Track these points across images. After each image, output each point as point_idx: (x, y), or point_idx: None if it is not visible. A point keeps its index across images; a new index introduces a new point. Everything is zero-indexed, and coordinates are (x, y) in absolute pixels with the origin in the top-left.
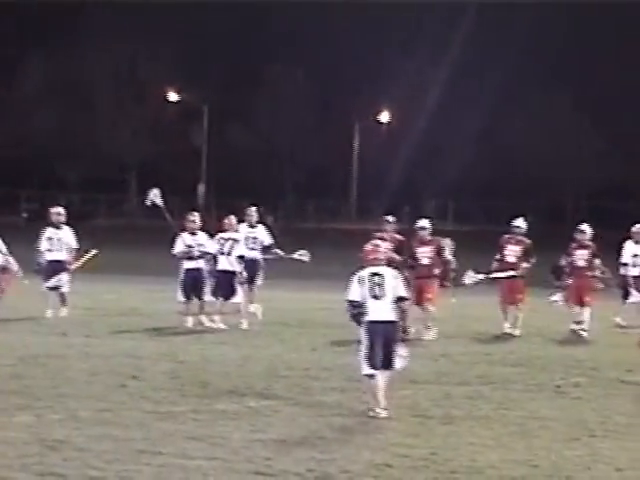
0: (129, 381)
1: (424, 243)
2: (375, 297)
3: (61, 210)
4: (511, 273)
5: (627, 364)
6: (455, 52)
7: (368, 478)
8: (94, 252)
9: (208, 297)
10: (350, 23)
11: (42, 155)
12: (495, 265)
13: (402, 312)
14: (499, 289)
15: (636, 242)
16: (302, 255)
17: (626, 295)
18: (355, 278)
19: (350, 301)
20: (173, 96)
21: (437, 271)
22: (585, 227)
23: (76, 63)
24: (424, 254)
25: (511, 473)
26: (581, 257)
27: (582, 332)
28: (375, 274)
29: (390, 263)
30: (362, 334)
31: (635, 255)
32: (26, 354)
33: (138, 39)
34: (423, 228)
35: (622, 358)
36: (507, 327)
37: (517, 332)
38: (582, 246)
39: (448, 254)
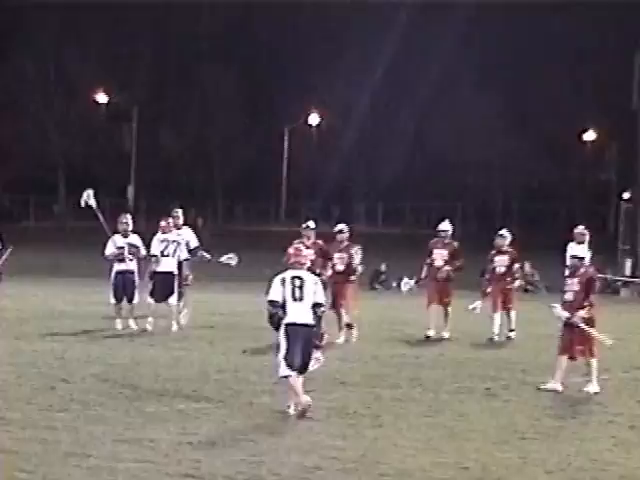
0: (58, 383)
1: (341, 249)
2: (295, 299)
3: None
4: (441, 276)
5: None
6: (386, 53)
7: None
8: (9, 249)
9: (146, 298)
10: (280, 23)
11: None
12: (425, 269)
13: (318, 318)
14: (427, 292)
15: (578, 243)
16: (230, 259)
17: None
18: (277, 279)
19: (271, 301)
20: (102, 97)
21: (353, 277)
22: (504, 232)
23: (4, 64)
24: (340, 259)
25: (441, 476)
26: (501, 263)
27: (511, 334)
28: (296, 277)
29: (310, 269)
30: (280, 336)
31: (574, 257)
32: None
33: (66, 40)
34: (341, 232)
35: (551, 361)
36: (431, 331)
37: (446, 334)
38: (501, 252)
39: (356, 262)
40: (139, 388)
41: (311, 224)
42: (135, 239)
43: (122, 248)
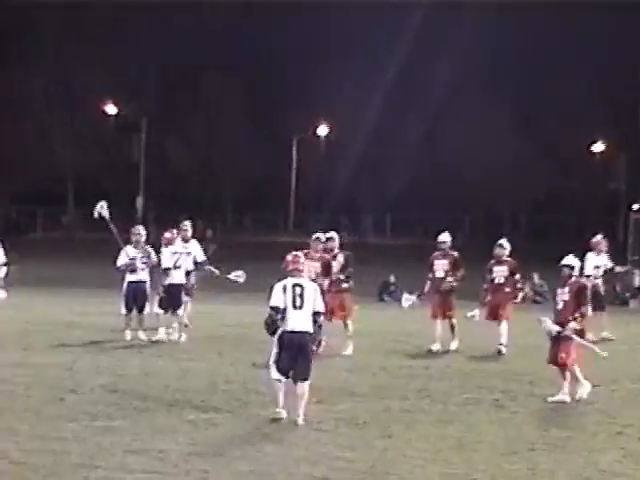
0: (67, 394)
1: (334, 257)
2: (295, 307)
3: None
4: (443, 288)
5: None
6: (394, 63)
7: None
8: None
9: (156, 310)
10: (289, 34)
11: None
12: (428, 284)
13: (317, 325)
14: (430, 305)
15: (597, 253)
16: (238, 276)
17: (596, 308)
18: (278, 286)
19: (272, 307)
20: (111, 109)
21: (346, 285)
22: (503, 242)
23: (11, 76)
24: (336, 268)
25: None
26: (500, 273)
27: (501, 348)
28: (296, 285)
29: (314, 280)
30: (275, 340)
31: (597, 267)
32: None
33: (74, 52)
34: (331, 239)
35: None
36: (436, 345)
37: (453, 346)
38: (500, 262)
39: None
40: (148, 399)
41: (321, 236)
42: (149, 250)
43: (134, 259)
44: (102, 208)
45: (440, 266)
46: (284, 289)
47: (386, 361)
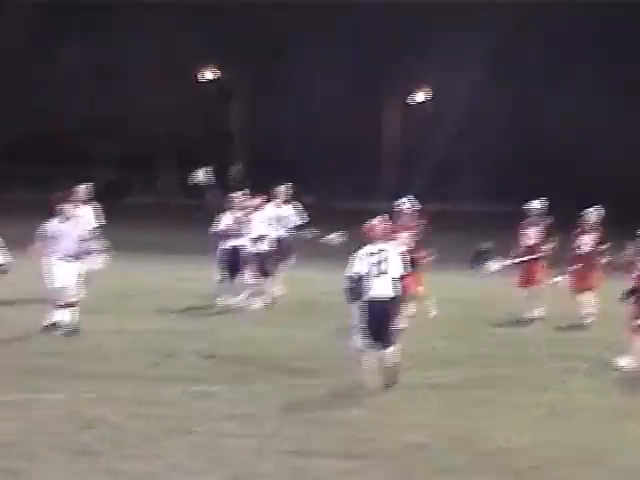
0: (164, 360)
1: (409, 227)
2: (376, 273)
3: (80, 188)
4: (532, 256)
5: None
6: (494, 25)
7: (403, 458)
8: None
9: (248, 276)
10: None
11: (77, 133)
12: (517, 249)
13: (399, 290)
14: (519, 272)
15: None
16: (337, 237)
17: None
18: (358, 253)
19: (352, 275)
20: (208, 74)
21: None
22: (591, 211)
23: (109, 43)
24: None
25: (545, 454)
26: (586, 242)
27: (589, 316)
28: (378, 251)
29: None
30: (358, 310)
31: None
32: (60, 332)
33: (171, 17)
34: (409, 207)
35: None
36: (529, 313)
37: (537, 313)
38: (587, 231)
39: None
40: (244, 364)
41: (414, 204)
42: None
43: (231, 225)
44: (204, 174)
45: (530, 233)
46: (365, 256)
47: (480, 328)
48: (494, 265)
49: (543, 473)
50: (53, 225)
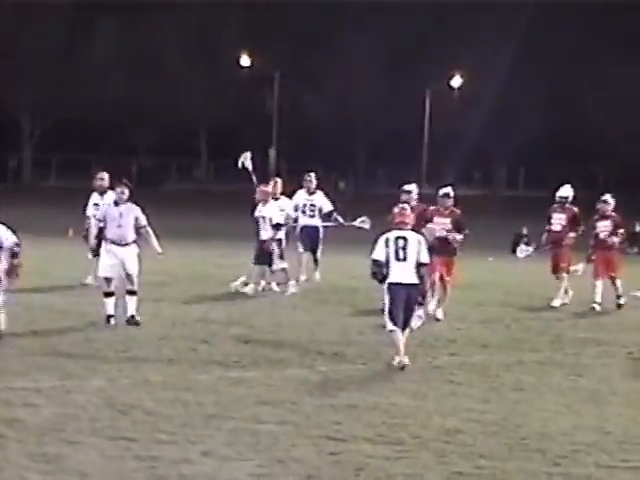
0: (200, 346)
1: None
2: (398, 259)
3: (105, 175)
4: (560, 242)
5: None
6: (528, 14)
7: (439, 443)
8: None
9: (281, 263)
10: None
11: (113, 120)
12: (544, 235)
13: (421, 277)
14: (549, 258)
15: None
16: (363, 222)
17: None
18: (381, 239)
19: (374, 260)
20: (245, 60)
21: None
22: (607, 197)
23: (148, 29)
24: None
25: (582, 439)
26: (604, 228)
27: (620, 302)
28: (400, 237)
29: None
30: (385, 294)
31: None
32: (97, 319)
33: (208, 4)
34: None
35: None
36: (557, 301)
37: (566, 300)
38: (605, 217)
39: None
40: (280, 350)
41: (451, 191)
42: (285, 203)
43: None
44: (246, 159)
45: (558, 220)
46: (387, 242)
47: (518, 313)
48: (525, 251)
49: (581, 458)
50: (106, 209)
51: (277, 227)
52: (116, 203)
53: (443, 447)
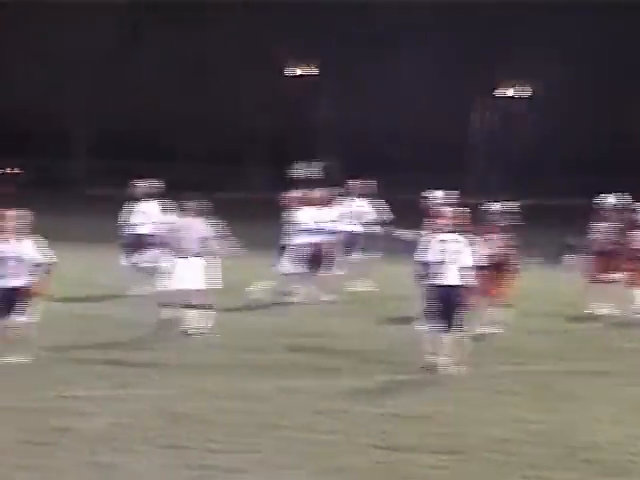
0: (253, 354)
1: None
2: (444, 262)
3: (150, 183)
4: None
5: None
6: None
7: (486, 452)
8: None
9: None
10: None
11: (166, 128)
12: (589, 243)
13: (467, 279)
14: (591, 266)
15: None
16: (412, 234)
17: None
18: (426, 241)
19: (420, 262)
20: (296, 70)
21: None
22: (638, 207)
23: (201, 37)
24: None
25: (631, 450)
26: (636, 238)
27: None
28: (446, 240)
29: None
30: (427, 295)
31: None
32: (151, 327)
33: (259, 14)
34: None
35: None
36: (604, 309)
37: (608, 310)
38: (637, 227)
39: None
40: (331, 359)
41: (500, 207)
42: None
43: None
44: (310, 168)
45: (601, 228)
46: (433, 244)
47: (565, 322)
48: (568, 260)
49: (632, 468)
50: (174, 222)
51: (331, 233)
52: (179, 214)
53: (490, 456)
